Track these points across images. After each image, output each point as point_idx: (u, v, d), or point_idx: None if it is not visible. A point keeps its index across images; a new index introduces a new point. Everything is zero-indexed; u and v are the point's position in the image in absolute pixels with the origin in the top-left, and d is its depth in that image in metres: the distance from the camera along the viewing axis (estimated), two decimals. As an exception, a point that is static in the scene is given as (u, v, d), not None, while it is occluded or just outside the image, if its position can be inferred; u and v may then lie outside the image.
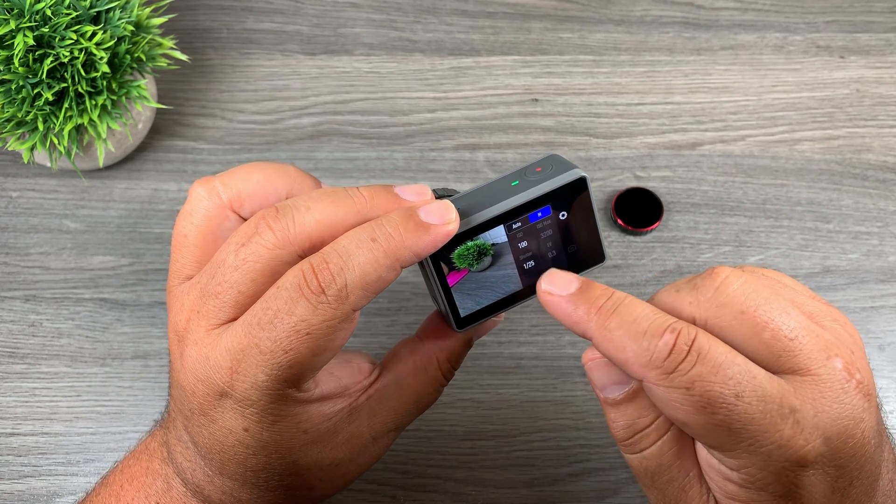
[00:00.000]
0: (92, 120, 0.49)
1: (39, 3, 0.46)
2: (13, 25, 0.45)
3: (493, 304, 0.33)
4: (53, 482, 0.47)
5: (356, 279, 0.27)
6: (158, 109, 0.58)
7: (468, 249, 0.31)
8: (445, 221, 0.29)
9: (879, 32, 0.64)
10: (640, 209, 0.54)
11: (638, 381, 0.27)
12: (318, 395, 0.30)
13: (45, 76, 0.47)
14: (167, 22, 0.59)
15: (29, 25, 0.46)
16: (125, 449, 0.41)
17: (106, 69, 0.48)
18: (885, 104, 0.60)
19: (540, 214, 0.31)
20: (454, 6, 0.65)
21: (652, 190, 0.56)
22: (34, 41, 0.46)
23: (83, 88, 0.48)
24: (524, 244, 0.32)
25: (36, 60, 0.47)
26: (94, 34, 0.48)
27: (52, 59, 0.46)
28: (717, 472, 0.28)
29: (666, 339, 0.26)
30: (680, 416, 0.26)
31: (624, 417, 0.29)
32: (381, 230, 0.28)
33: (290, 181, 0.31)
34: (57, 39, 0.47)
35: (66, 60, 0.47)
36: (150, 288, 0.52)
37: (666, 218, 0.55)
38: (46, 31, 0.46)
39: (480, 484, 0.47)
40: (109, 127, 0.51)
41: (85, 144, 0.52)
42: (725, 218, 0.55)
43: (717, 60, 0.62)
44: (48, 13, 0.46)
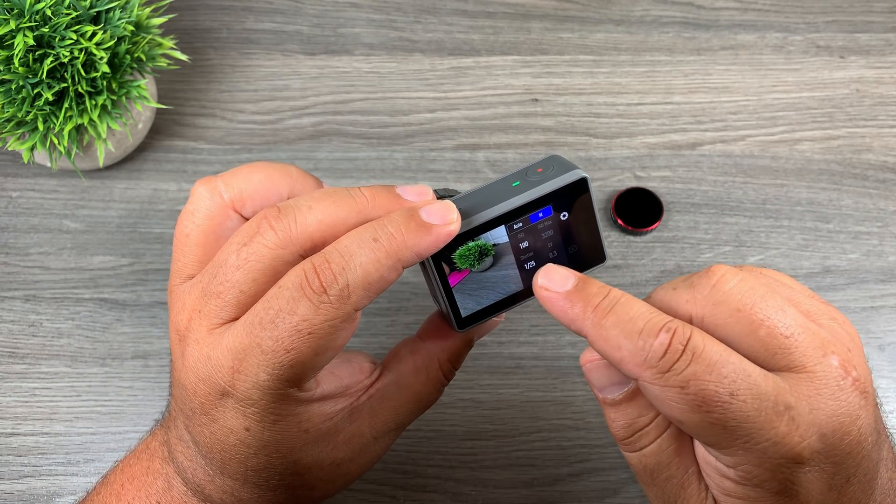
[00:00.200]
0: (92, 120, 0.49)
1: (39, 3, 0.46)
2: (13, 25, 0.45)
3: (494, 304, 0.33)
4: (53, 482, 0.47)
5: (358, 279, 0.27)
6: (158, 109, 0.58)
7: (469, 250, 0.31)
8: (447, 221, 0.29)
9: (879, 32, 0.64)
10: (640, 209, 0.54)
11: (634, 380, 0.27)
12: (319, 394, 0.30)
13: (45, 76, 0.47)
14: (167, 22, 0.59)
15: (29, 25, 0.46)
16: (125, 449, 0.41)
17: (106, 69, 0.48)
18: (885, 104, 0.60)
19: (541, 215, 0.31)
20: (454, 6, 0.65)
21: (652, 190, 0.56)
22: (34, 41, 0.46)
23: (83, 88, 0.48)
24: (525, 244, 0.32)
25: (36, 60, 0.47)
26: (94, 34, 0.48)
27: (52, 59, 0.47)
28: (714, 469, 0.28)
29: (661, 338, 0.26)
30: (676, 414, 0.26)
31: (623, 417, 0.29)
32: (382, 230, 0.28)
33: (291, 181, 0.31)
34: (57, 39, 0.47)
35: (66, 60, 0.47)
36: (150, 288, 0.52)
37: (666, 218, 0.55)
38: (46, 31, 0.46)
39: (480, 484, 0.47)
40: (109, 127, 0.51)
41: (85, 144, 0.52)
42: (725, 218, 0.55)
43: (717, 60, 0.62)
44: (48, 13, 0.46)
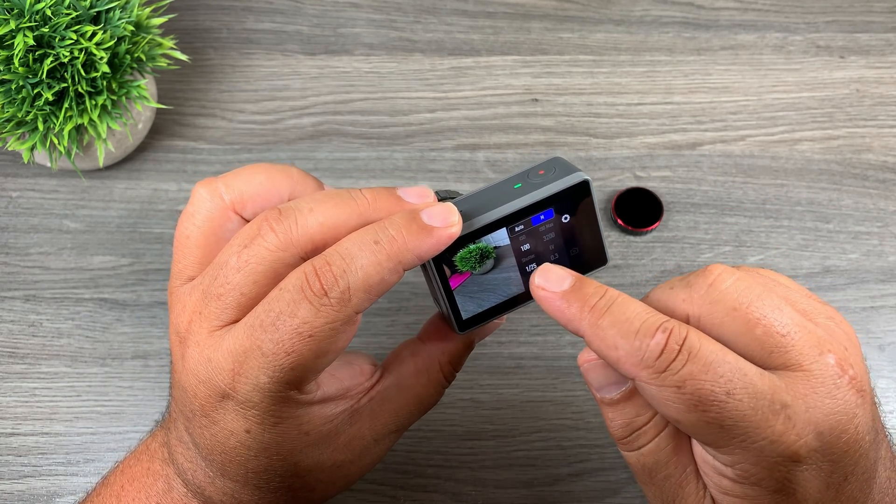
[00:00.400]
0: (92, 120, 0.49)
1: (39, 3, 0.46)
2: (13, 25, 0.45)
3: (495, 306, 0.33)
4: (53, 482, 0.47)
5: (359, 282, 0.27)
6: (158, 109, 0.58)
7: (470, 252, 0.31)
8: (448, 224, 0.29)
9: (879, 32, 0.64)
10: (640, 209, 0.54)
11: (631, 380, 0.27)
12: (319, 396, 0.30)
13: (45, 76, 0.47)
14: (167, 22, 0.59)
15: (29, 25, 0.46)
16: (125, 449, 0.41)
17: (106, 69, 0.48)
18: (885, 104, 0.60)
19: (542, 217, 0.31)
20: (454, 6, 0.64)
21: (652, 190, 0.56)
22: (34, 41, 0.46)
23: (83, 88, 0.48)
24: (526, 247, 0.32)
25: (36, 60, 0.47)
26: (94, 34, 0.48)
27: (52, 59, 0.46)
28: (711, 467, 0.28)
29: (657, 338, 0.26)
30: (672, 413, 0.26)
31: (621, 416, 0.29)
32: (384, 233, 0.28)
33: (292, 182, 0.31)
34: (57, 39, 0.47)
35: (66, 60, 0.47)
36: (150, 288, 0.52)
37: (666, 218, 0.55)
38: (46, 31, 0.46)
39: (480, 484, 0.47)
40: (109, 127, 0.51)
41: (85, 144, 0.52)
42: (725, 218, 0.55)
43: (717, 60, 0.62)
44: (48, 13, 0.46)
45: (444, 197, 0.32)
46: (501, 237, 0.31)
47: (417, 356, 0.34)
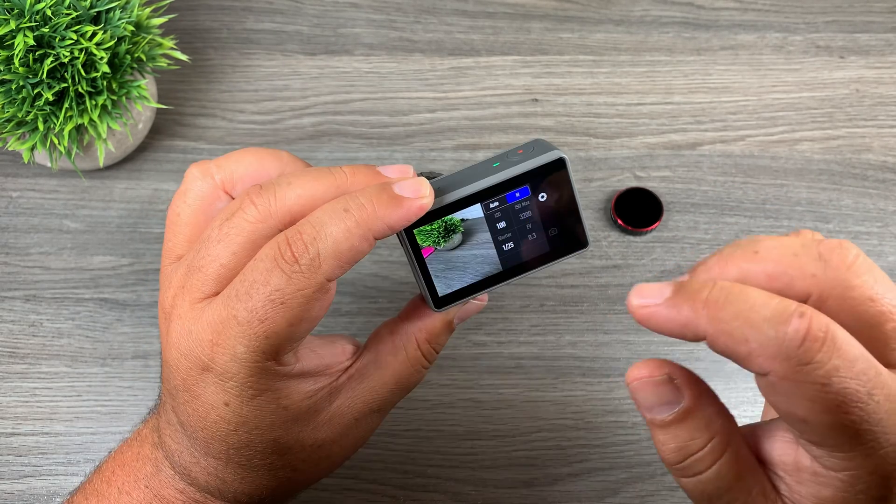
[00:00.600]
0: (92, 120, 0.49)
1: (40, 3, 0.46)
2: (13, 25, 0.45)
3: (471, 284, 0.33)
4: (53, 482, 0.47)
5: (328, 248, 0.28)
6: (158, 109, 0.58)
7: (432, 227, 0.31)
8: (419, 195, 0.29)
9: (879, 32, 0.64)
10: (640, 209, 0.54)
11: (763, 375, 0.24)
12: (298, 370, 0.30)
13: (45, 76, 0.47)
14: (167, 22, 0.59)
15: (29, 25, 0.46)
16: (125, 449, 0.41)
17: (106, 69, 0.48)
18: (884, 104, 0.60)
19: (518, 195, 0.31)
20: (454, 6, 0.65)
21: (652, 190, 0.56)
22: (34, 41, 0.46)
23: (83, 88, 0.48)
24: (502, 224, 0.32)
25: (36, 60, 0.47)
26: (94, 34, 0.48)
27: (52, 59, 0.47)
28: (811, 475, 0.25)
29: (794, 324, 0.22)
30: (804, 413, 0.23)
31: (674, 440, 0.26)
32: (354, 201, 0.28)
33: (281, 164, 0.32)
34: (57, 39, 0.47)
35: (66, 60, 0.47)
36: (150, 288, 0.52)
37: (666, 218, 0.55)
38: (46, 31, 0.46)
39: (480, 484, 0.47)
40: (109, 127, 0.51)
41: (85, 144, 0.52)
42: (725, 218, 0.55)
43: (717, 60, 0.62)
44: (48, 13, 0.46)
45: (426, 176, 0.32)
46: (476, 213, 0.31)
47: (395, 334, 0.34)
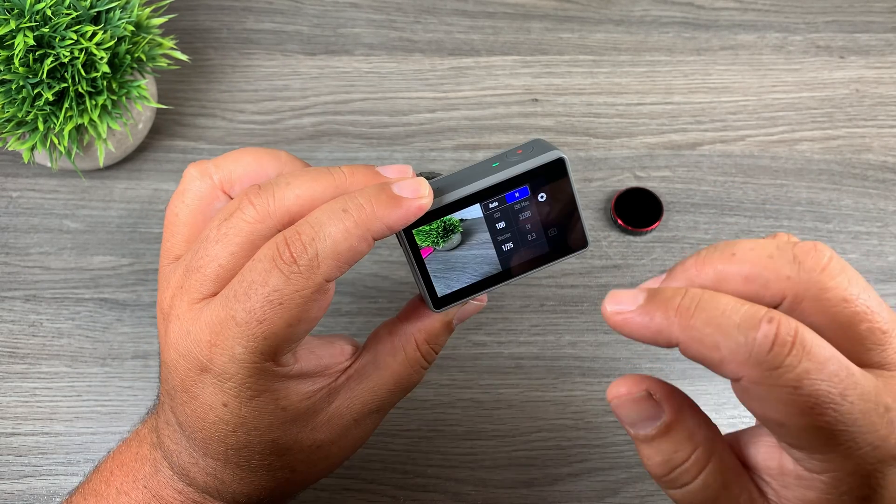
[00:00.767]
0: (92, 120, 0.49)
1: (40, 3, 0.46)
2: (13, 25, 0.45)
3: (470, 285, 0.33)
4: (53, 482, 0.47)
5: (327, 249, 0.28)
6: (158, 109, 0.58)
7: (431, 227, 0.31)
8: (418, 195, 0.29)
9: (879, 32, 0.64)
10: (640, 209, 0.54)
11: (736, 380, 0.24)
12: (297, 371, 0.30)
13: (45, 76, 0.47)
14: (167, 22, 0.59)
15: (29, 25, 0.46)
16: (125, 449, 0.41)
17: (106, 69, 0.48)
18: (884, 104, 0.60)
19: (517, 195, 0.31)
20: (454, 6, 0.65)
21: (652, 190, 0.56)
22: (34, 41, 0.46)
23: (83, 88, 0.48)
24: (501, 225, 0.32)
25: (36, 60, 0.47)
26: (94, 34, 0.48)
27: (52, 59, 0.47)
28: (795, 478, 0.26)
29: (764, 329, 0.23)
30: (779, 416, 0.24)
31: (659, 454, 0.27)
32: (352, 201, 0.28)
33: (280, 164, 0.32)
34: (57, 39, 0.47)
35: (66, 60, 0.47)
36: (150, 288, 0.52)
37: (666, 218, 0.55)
38: (47, 31, 0.46)
39: (480, 484, 0.47)
40: (109, 127, 0.51)
41: (85, 144, 0.52)
42: (725, 218, 0.55)
43: (717, 60, 0.62)
44: (48, 13, 0.46)
45: (425, 176, 0.32)
46: (475, 214, 0.31)
47: (394, 335, 0.34)
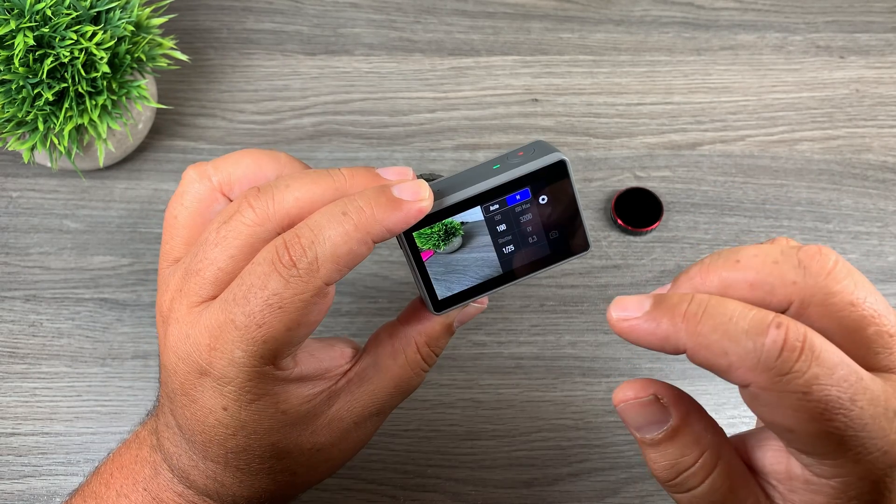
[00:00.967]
0: (92, 120, 0.49)
1: (40, 3, 0.46)
2: (13, 25, 0.45)
3: (471, 287, 0.33)
4: (53, 482, 0.47)
5: (326, 252, 0.27)
6: (158, 109, 0.58)
7: (432, 229, 0.31)
8: (418, 198, 0.29)
9: (879, 32, 0.64)
10: (640, 209, 0.54)
11: (745, 386, 0.24)
12: (296, 374, 0.30)
13: (45, 76, 0.47)
14: (167, 22, 0.59)
15: (29, 25, 0.46)
16: (125, 449, 0.41)
17: (106, 69, 0.48)
18: (884, 104, 0.60)
19: (518, 197, 0.31)
20: (454, 6, 0.65)
21: (652, 190, 0.56)
22: (34, 41, 0.46)
23: (83, 88, 0.48)
24: (502, 227, 0.32)
25: (36, 60, 0.47)
26: (94, 34, 0.48)
27: (52, 59, 0.47)
28: (803, 483, 0.26)
29: (772, 335, 0.23)
30: (788, 423, 0.24)
31: (665, 458, 0.27)
32: (352, 204, 0.28)
33: (279, 166, 0.32)
34: (57, 39, 0.47)
35: (66, 60, 0.47)
36: (150, 288, 0.52)
37: (666, 218, 0.55)
38: (46, 31, 0.46)
39: (480, 484, 0.47)
40: (109, 127, 0.51)
41: (85, 144, 0.52)
42: (725, 218, 0.55)
43: (717, 60, 0.62)
44: (48, 13, 0.46)
45: (425, 178, 0.32)
46: (476, 216, 0.31)
47: (394, 337, 0.34)
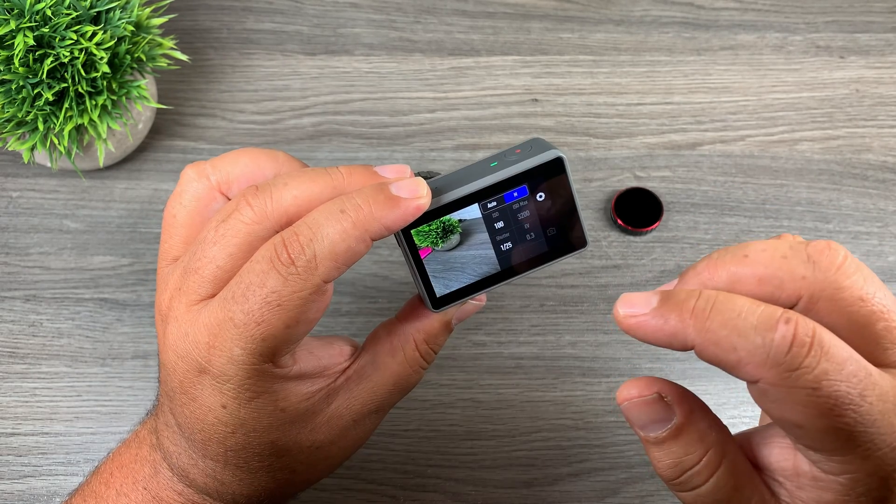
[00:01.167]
0: (92, 120, 0.49)
1: (40, 3, 0.46)
2: (13, 25, 0.45)
3: (469, 284, 0.33)
4: (53, 482, 0.47)
5: (325, 250, 0.28)
6: (158, 109, 0.58)
7: (430, 227, 0.31)
8: (416, 196, 0.29)
9: (879, 32, 0.64)
10: (640, 209, 0.54)
11: (753, 382, 0.24)
12: (295, 372, 0.30)
13: (45, 76, 0.47)
14: (167, 22, 0.59)
15: (29, 25, 0.46)
16: (125, 449, 0.41)
17: (106, 69, 0.48)
18: (884, 104, 0.60)
19: (516, 195, 0.31)
20: (454, 6, 0.65)
21: (652, 190, 0.56)
22: (34, 41, 0.46)
23: (83, 88, 0.48)
24: (500, 224, 0.32)
25: (36, 60, 0.47)
26: (94, 34, 0.48)
27: (52, 59, 0.47)
28: (811, 480, 0.25)
29: (781, 330, 0.23)
30: (797, 418, 0.23)
31: (669, 456, 0.27)
32: (350, 202, 0.28)
33: (277, 165, 0.32)
34: (57, 39, 0.47)
35: (66, 60, 0.47)
36: (150, 288, 0.52)
37: (666, 218, 0.55)
38: (46, 31, 0.46)
39: (480, 484, 0.47)
40: (109, 127, 0.51)
41: (85, 144, 0.52)
42: (725, 218, 0.55)
43: (717, 60, 0.62)
44: (48, 13, 0.46)
45: (423, 176, 0.32)
46: (474, 214, 0.31)
47: (393, 335, 0.34)
